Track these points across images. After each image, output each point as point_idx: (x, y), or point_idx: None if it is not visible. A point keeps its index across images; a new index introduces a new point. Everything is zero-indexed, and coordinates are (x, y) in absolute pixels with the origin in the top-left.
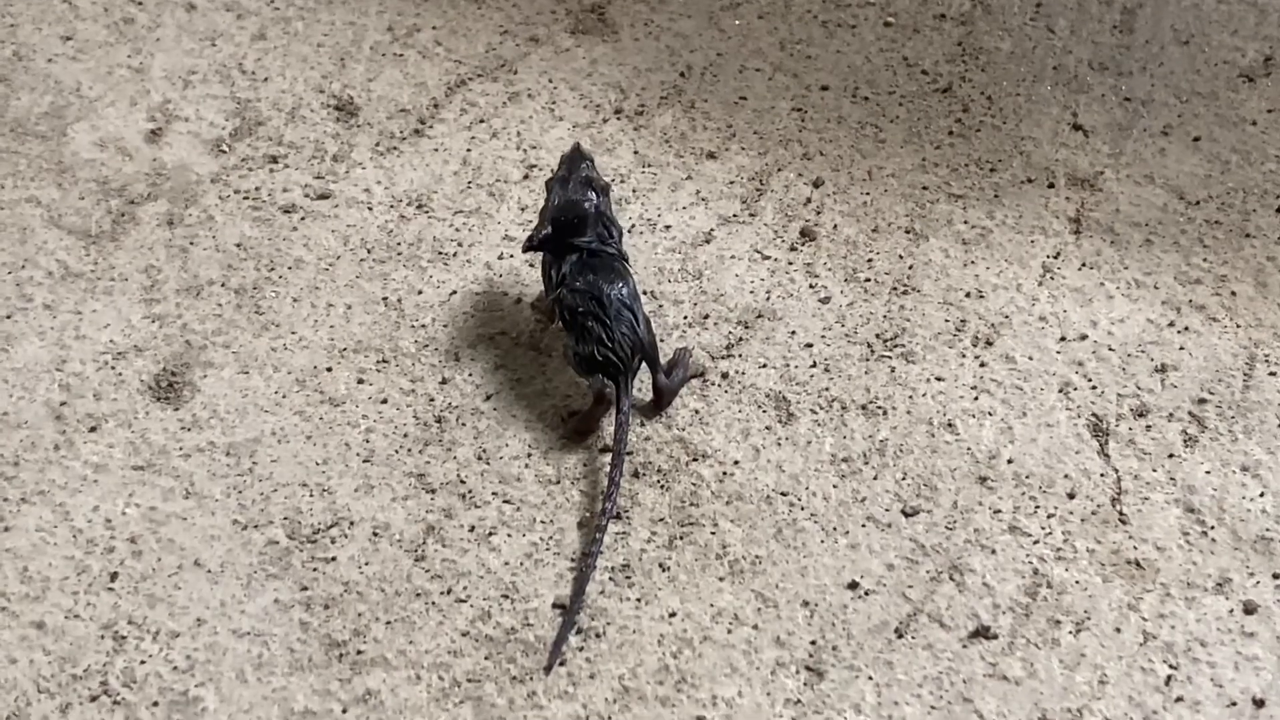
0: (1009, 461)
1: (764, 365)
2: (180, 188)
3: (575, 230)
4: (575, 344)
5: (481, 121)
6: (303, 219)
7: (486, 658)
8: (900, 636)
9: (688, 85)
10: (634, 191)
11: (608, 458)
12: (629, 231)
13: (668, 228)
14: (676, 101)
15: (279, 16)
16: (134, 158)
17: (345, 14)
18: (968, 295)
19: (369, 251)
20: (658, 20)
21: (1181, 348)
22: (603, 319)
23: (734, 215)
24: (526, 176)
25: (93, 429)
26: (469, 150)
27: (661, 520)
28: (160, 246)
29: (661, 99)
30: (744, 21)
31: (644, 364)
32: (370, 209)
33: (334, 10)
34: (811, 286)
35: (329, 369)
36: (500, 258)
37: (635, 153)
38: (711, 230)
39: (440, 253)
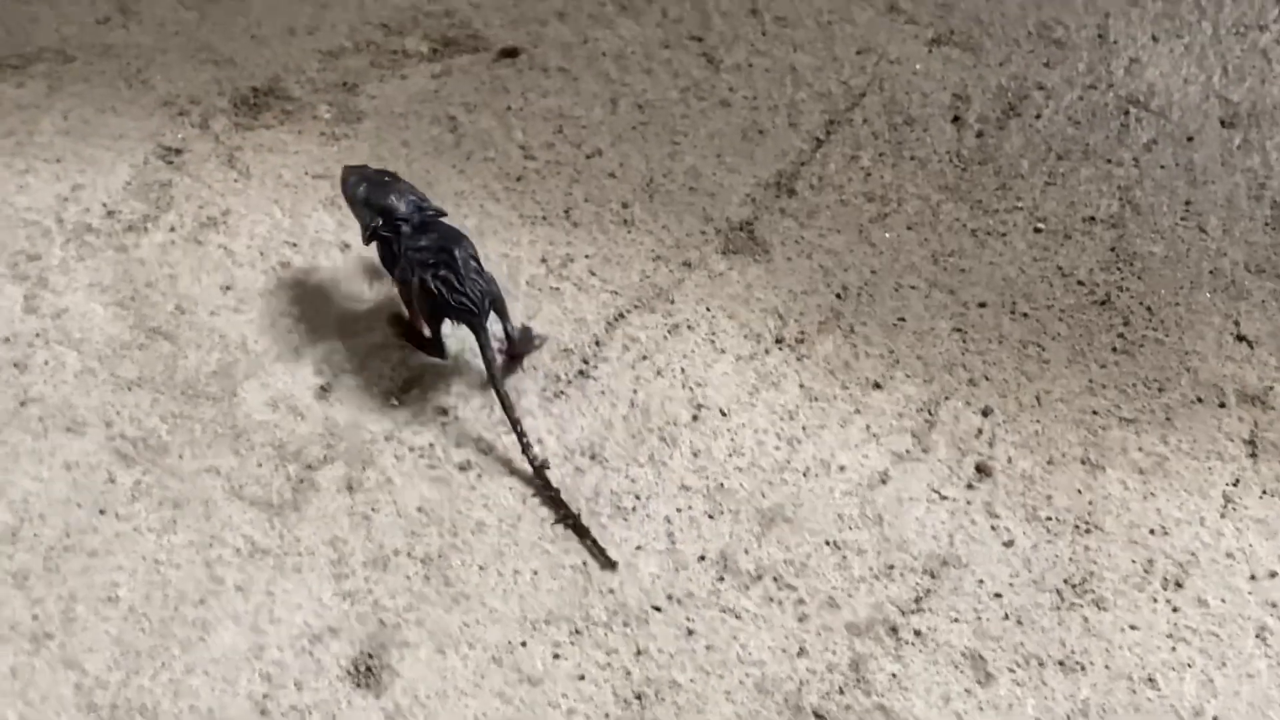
0: (1214, 719)
1: (955, 619)
2: (355, 448)
3: (394, 207)
4: (426, 296)
5: (644, 358)
6: (479, 476)
7: None
8: None
9: (845, 308)
10: (804, 429)
11: None
12: (804, 474)
13: (842, 468)
14: (836, 326)
15: None
16: (306, 417)
17: (497, 245)
18: (1151, 532)
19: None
20: (808, 236)
21: None
22: (454, 268)
23: (907, 451)
24: (695, 418)
25: None
26: (635, 391)
27: None
28: (343, 515)
29: (820, 324)
30: (894, 234)
31: (495, 313)
32: None
33: (485, 242)
34: (993, 528)
35: (523, 643)
36: (679, 510)
37: (801, 386)
38: (886, 469)
39: (619, 507)
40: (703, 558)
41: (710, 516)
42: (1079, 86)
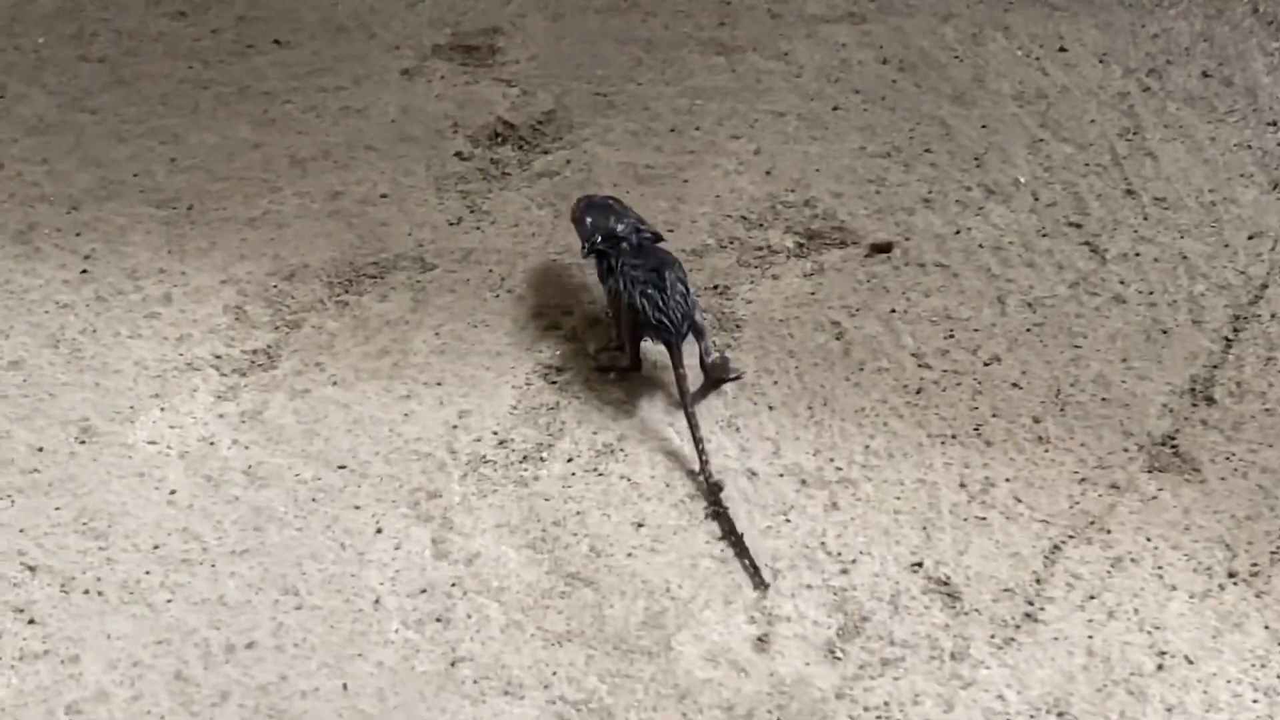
0: None
1: None
2: (808, 709)
3: (613, 227)
4: (632, 311)
5: (1092, 598)
6: None
7: None
8: None
9: None
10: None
11: None
12: None
13: None
14: None
15: (844, 479)
16: (749, 673)
17: (910, 469)
18: None
19: None
20: (1238, 452)
21: None
22: (661, 288)
23: None
24: (1160, 667)
25: None
26: (1090, 637)
27: None
28: None
29: (1273, 554)
30: None
31: (694, 336)
32: None
33: (898, 466)
34: None
35: None
36: None
37: (1266, 627)
38: None
39: None
40: None
41: None
42: None
